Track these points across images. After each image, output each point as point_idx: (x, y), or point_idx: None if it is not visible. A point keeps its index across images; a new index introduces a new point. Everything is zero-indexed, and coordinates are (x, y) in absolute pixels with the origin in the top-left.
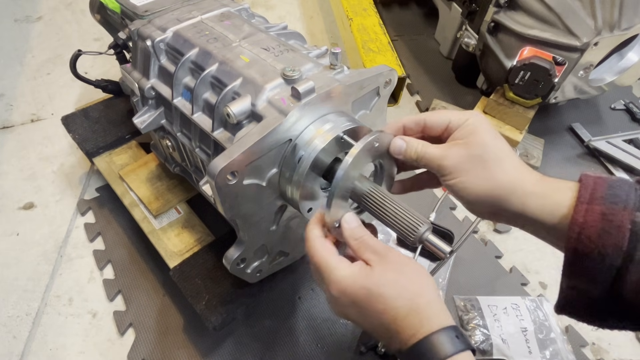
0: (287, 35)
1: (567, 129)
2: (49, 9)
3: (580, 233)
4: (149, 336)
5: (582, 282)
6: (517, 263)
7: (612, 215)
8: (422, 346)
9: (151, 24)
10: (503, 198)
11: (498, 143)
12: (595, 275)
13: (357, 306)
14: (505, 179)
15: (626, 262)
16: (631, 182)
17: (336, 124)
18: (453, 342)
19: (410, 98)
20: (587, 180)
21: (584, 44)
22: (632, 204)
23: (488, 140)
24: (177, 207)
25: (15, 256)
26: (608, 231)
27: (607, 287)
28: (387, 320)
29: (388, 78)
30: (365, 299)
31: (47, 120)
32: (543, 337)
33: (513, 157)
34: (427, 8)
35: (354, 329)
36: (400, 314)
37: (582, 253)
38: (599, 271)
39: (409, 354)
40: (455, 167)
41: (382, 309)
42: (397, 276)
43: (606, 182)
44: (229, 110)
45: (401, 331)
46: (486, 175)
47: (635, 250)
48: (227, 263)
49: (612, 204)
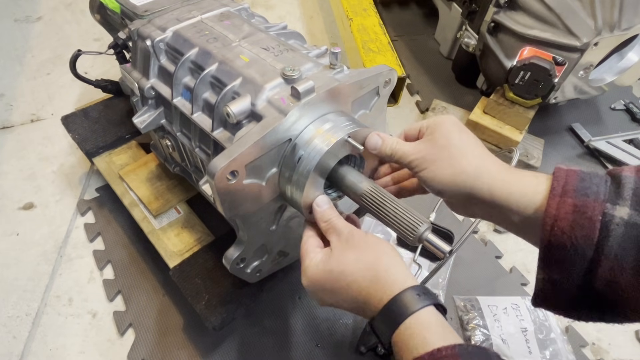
0: (287, 35)
1: (567, 129)
2: (49, 9)
3: (553, 225)
4: (149, 336)
5: (556, 273)
6: (517, 263)
7: (583, 207)
8: (388, 309)
9: (151, 24)
10: (469, 184)
11: (463, 135)
12: (568, 266)
13: (327, 290)
14: (469, 165)
15: (598, 253)
16: (602, 174)
17: (336, 123)
18: (415, 299)
19: (410, 98)
20: (560, 172)
21: (584, 44)
22: (603, 195)
23: (452, 133)
24: (177, 207)
25: (15, 256)
26: (580, 223)
27: (580, 278)
28: (354, 293)
29: (388, 78)
30: (330, 280)
31: (47, 120)
32: (543, 337)
33: (477, 147)
34: (427, 8)
35: (354, 329)
36: (363, 285)
37: (555, 245)
38: (572, 263)
39: (379, 319)
40: (423, 159)
41: (346, 284)
42: (355, 252)
43: (578, 174)
44: (229, 110)
45: (368, 300)
46: (451, 162)
47: (606, 242)
48: (226, 263)
49: (583, 196)
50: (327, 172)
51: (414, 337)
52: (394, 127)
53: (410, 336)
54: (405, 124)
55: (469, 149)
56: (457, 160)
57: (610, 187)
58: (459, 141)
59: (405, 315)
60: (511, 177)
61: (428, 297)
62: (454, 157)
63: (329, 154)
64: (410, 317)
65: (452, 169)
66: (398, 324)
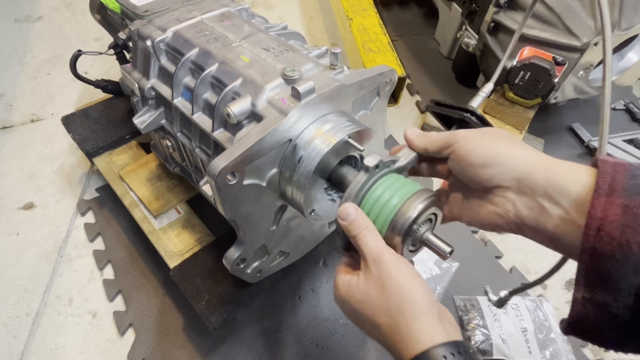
0: (287, 36)
1: (567, 129)
2: (49, 9)
3: (599, 229)
4: (149, 336)
5: (601, 291)
6: (517, 263)
7: (636, 208)
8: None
9: (151, 24)
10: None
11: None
12: (618, 282)
13: (351, 315)
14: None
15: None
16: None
17: (336, 124)
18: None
19: (410, 98)
20: (605, 167)
21: (584, 44)
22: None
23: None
24: (177, 207)
25: (15, 256)
26: (632, 227)
27: (632, 298)
28: (376, 332)
29: (388, 78)
30: (352, 310)
31: (47, 120)
32: (543, 337)
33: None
34: (427, 8)
35: (354, 329)
36: (383, 330)
37: (601, 254)
38: (623, 277)
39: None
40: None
41: (367, 321)
42: (377, 290)
43: (627, 169)
44: (229, 110)
45: (391, 345)
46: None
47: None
48: (227, 263)
49: (635, 194)
50: (328, 172)
51: None
52: (394, 127)
53: None
54: (405, 124)
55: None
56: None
57: None
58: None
59: None
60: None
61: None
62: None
63: (329, 155)
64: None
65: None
66: None
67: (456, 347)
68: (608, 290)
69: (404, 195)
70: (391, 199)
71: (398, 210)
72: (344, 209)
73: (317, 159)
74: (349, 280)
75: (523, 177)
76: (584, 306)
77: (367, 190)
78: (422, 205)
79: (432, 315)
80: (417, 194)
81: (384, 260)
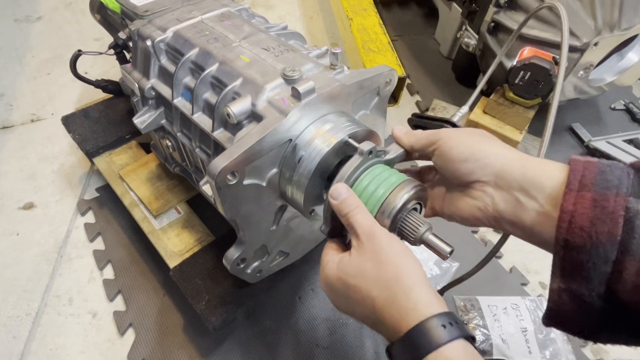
0: (287, 36)
1: (567, 129)
2: (49, 9)
3: (570, 222)
4: (149, 336)
5: (575, 281)
6: (517, 263)
7: (604, 201)
8: (407, 339)
9: (151, 24)
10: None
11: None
12: (589, 272)
13: (340, 297)
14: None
15: (623, 254)
16: (623, 166)
17: (336, 124)
18: (441, 332)
19: (410, 98)
20: (576, 165)
21: (584, 44)
22: (625, 189)
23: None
24: (177, 207)
25: (15, 256)
26: (601, 219)
27: (603, 287)
28: (368, 310)
29: (388, 78)
30: (343, 289)
31: (47, 120)
32: (543, 337)
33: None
34: (427, 8)
35: (354, 329)
36: (378, 304)
37: (573, 245)
38: (593, 266)
39: (397, 349)
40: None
41: (361, 298)
42: (372, 262)
43: (596, 166)
44: (229, 110)
45: (383, 322)
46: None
47: (631, 239)
48: (227, 263)
49: (603, 189)
50: (328, 172)
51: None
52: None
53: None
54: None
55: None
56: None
57: (634, 180)
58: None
59: (427, 350)
60: (527, 161)
61: (457, 328)
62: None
63: (329, 155)
64: (435, 352)
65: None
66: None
67: (453, 317)
68: (581, 280)
69: (391, 185)
70: (378, 188)
71: (386, 198)
72: (335, 188)
73: (317, 159)
74: (339, 258)
75: (501, 172)
76: (560, 296)
77: (359, 174)
78: (408, 195)
79: (428, 286)
80: (404, 183)
81: (377, 235)
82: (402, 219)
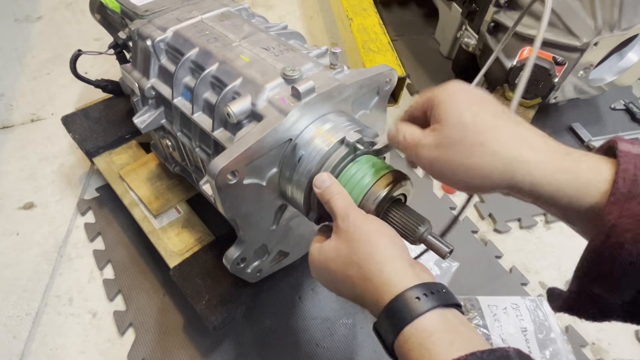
0: (287, 35)
1: (567, 129)
2: (49, 9)
3: (609, 235)
4: (149, 336)
5: (600, 288)
6: (517, 263)
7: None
8: (386, 314)
9: (151, 24)
10: (504, 183)
11: (480, 115)
12: (619, 284)
13: (327, 281)
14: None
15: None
16: None
17: (336, 123)
18: (415, 304)
19: (410, 98)
20: (627, 161)
21: (584, 44)
22: None
23: (465, 117)
24: (177, 206)
25: (15, 256)
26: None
27: (631, 296)
28: (350, 289)
29: (388, 78)
30: (326, 274)
31: (47, 120)
32: (543, 337)
33: (506, 126)
34: (427, 8)
35: (354, 329)
36: (357, 282)
37: (608, 257)
38: (627, 281)
39: (380, 326)
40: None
41: (341, 279)
42: (346, 243)
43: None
44: (229, 110)
45: (364, 300)
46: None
47: None
48: (227, 263)
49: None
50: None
51: (413, 351)
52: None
53: (410, 350)
54: None
55: (494, 135)
56: (480, 157)
57: None
58: (478, 126)
59: (403, 324)
60: (560, 164)
61: (433, 298)
62: (475, 154)
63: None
64: (410, 325)
65: (478, 170)
66: (395, 334)
67: (428, 287)
68: (607, 288)
69: (376, 172)
70: (364, 177)
71: (371, 187)
72: (319, 177)
73: (317, 158)
74: (320, 245)
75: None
76: (579, 298)
77: (345, 164)
78: (392, 185)
79: (403, 260)
80: (391, 172)
81: (350, 215)
82: (401, 217)
